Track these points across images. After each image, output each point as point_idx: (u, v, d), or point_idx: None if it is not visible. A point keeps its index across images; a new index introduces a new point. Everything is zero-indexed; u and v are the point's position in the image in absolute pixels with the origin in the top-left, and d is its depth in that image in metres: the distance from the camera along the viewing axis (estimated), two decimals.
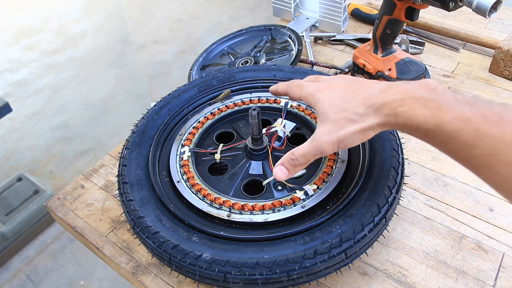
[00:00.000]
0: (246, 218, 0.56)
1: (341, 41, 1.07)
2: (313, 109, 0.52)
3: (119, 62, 2.89)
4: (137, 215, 0.57)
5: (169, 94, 0.76)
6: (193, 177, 0.63)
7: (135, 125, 0.71)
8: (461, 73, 0.95)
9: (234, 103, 0.75)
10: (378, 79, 0.84)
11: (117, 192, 0.69)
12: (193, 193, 0.60)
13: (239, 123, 0.74)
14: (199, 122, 0.72)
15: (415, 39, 1.04)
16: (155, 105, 0.74)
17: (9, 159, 2.21)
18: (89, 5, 3.57)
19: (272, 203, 0.58)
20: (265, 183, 0.62)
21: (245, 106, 0.74)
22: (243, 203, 0.58)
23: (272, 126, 0.69)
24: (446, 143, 0.41)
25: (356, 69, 0.90)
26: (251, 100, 0.75)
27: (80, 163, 2.17)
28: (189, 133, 0.70)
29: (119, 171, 0.64)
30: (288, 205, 0.57)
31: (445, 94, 0.42)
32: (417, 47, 1.01)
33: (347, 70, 0.96)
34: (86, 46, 3.06)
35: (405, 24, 1.06)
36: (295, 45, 0.97)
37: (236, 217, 0.57)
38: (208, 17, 3.35)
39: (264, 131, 0.65)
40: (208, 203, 0.59)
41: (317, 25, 1.13)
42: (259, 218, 0.56)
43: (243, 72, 0.79)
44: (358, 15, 1.15)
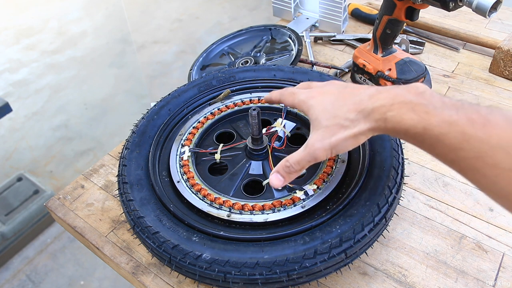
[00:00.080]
0: (246, 218, 0.56)
1: (341, 41, 1.07)
2: (306, 115, 0.53)
3: (119, 62, 2.89)
4: (137, 215, 0.57)
5: (169, 94, 0.76)
6: (193, 177, 0.63)
7: (135, 125, 0.71)
8: (461, 73, 0.95)
9: (234, 103, 0.75)
10: (378, 79, 0.84)
11: (117, 192, 0.69)
12: (193, 193, 0.60)
13: (239, 123, 0.74)
14: (199, 122, 0.72)
15: (415, 39, 1.04)
16: (155, 105, 0.74)
17: (9, 159, 2.21)
18: (89, 5, 3.58)
19: (272, 203, 0.58)
20: (265, 183, 0.62)
21: (245, 106, 0.75)
22: (243, 203, 0.58)
23: (272, 126, 0.69)
24: (434, 146, 0.41)
25: (356, 69, 0.90)
26: (251, 100, 0.75)
27: (80, 163, 2.17)
28: (189, 133, 0.70)
29: (119, 171, 0.64)
30: (288, 205, 0.57)
31: (433, 98, 0.43)
32: (417, 47, 1.01)
33: (347, 70, 0.96)
34: (86, 46, 3.06)
35: (405, 24, 1.07)
36: (295, 45, 0.97)
37: (236, 217, 0.57)
38: (208, 17, 3.35)
39: (264, 131, 0.65)
40: (208, 203, 0.59)
41: (317, 25, 1.13)
42: (259, 218, 0.56)
43: (243, 72, 0.79)
44: (358, 15, 1.15)
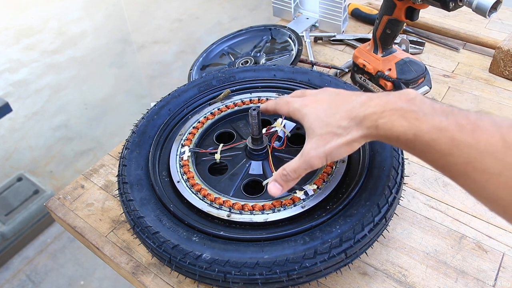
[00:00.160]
0: (246, 218, 0.56)
1: (341, 41, 1.07)
2: (301, 124, 0.54)
3: (119, 62, 2.89)
4: (137, 215, 0.57)
5: (169, 94, 0.76)
6: (193, 177, 0.63)
7: (135, 125, 0.71)
8: (461, 73, 0.95)
9: (234, 103, 0.75)
10: (378, 79, 0.84)
11: (117, 192, 0.69)
12: (193, 193, 0.60)
13: (239, 123, 0.74)
14: (199, 122, 0.72)
15: (415, 39, 1.04)
16: (155, 105, 0.74)
17: (9, 159, 2.21)
18: (89, 5, 3.58)
19: (272, 203, 0.58)
20: (265, 183, 0.62)
21: (245, 106, 0.74)
22: (243, 203, 0.58)
23: (272, 126, 0.69)
24: (424, 152, 0.42)
25: (356, 69, 0.90)
26: (251, 100, 0.75)
27: (80, 163, 2.17)
28: (189, 133, 0.70)
29: (119, 171, 0.64)
30: (288, 205, 0.57)
31: (423, 104, 0.43)
32: (417, 47, 1.01)
33: (347, 70, 0.96)
34: (86, 46, 3.06)
35: (405, 24, 1.07)
36: (295, 45, 0.97)
37: (236, 217, 0.57)
38: (208, 17, 3.35)
39: (264, 131, 0.65)
40: (208, 203, 0.59)
41: (317, 25, 1.13)
42: (259, 218, 0.56)
43: (243, 72, 0.79)
44: (358, 15, 1.15)
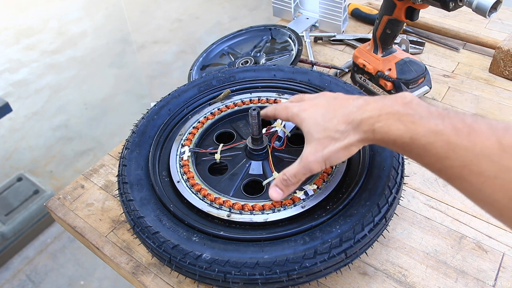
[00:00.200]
0: (246, 218, 0.56)
1: (341, 41, 1.07)
2: (300, 128, 0.54)
3: (119, 62, 2.89)
4: (137, 215, 0.57)
5: (169, 94, 0.76)
6: (193, 177, 0.63)
7: (135, 125, 0.71)
8: (461, 73, 0.95)
9: (234, 103, 0.75)
10: (378, 79, 0.84)
11: (117, 192, 0.69)
12: (193, 193, 0.60)
13: (239, 123, 0.74)
14: (199, 122, 0.72)
15: (415, 39, 1.04)
16: (155, 105, 0.74)
17: (9, 159, 2.21)
18: (89, 5, 3.58)
19: (272, 203, 0.58)
20: (265, 183, 0.62)
21: (245, 106, 0.75)
22: (243, 203, 0.58)
23: (272, 126, 0.69)
24: (421, 155, 0.42)
25: (356, 69, 0.90)
26: (251, 100, 0.75)
27: (80, 163, 2.17)
28: (189, 133, 0.70)
29: (119, 171, 0.64)
30: (288, 205, 0.57)
31: (419, 107, 0.43)
32: (417, 47, 1.01)
33: (347, 70, 0.96)
34: (86, 46, 3.06)
35: (405, 24, 1.07)
36: (295, 45, 0.97)
37: (236, 217, 0.57)
38: (208, 17, 3.35)
39: (264, 131, 0.65)
40: (208, 203, 0.59)
41: (317, 25, 1.13)
42: (259, 218, 0.56)
43: (243, 72, 0.79)
44: (358, 15, 1.15)
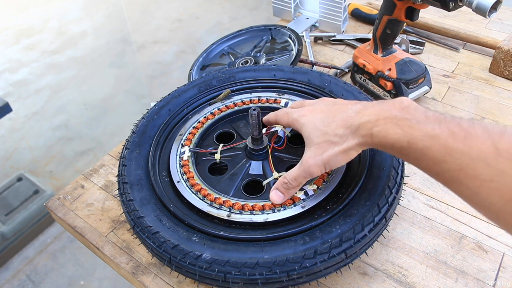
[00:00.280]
0: (246, 218, 0.56)
1: (341, 41, 1.07)
2: (300, 133, 0.56)
3: (119, 62, 2.89)
4: (137, 215, 0.57)
5: (169, 94, 0.76)
6: (193, 177, 0.62)
7: (135, 125, 0.71)
8: (461, 73, 0.95)
9: (234, 103, 0.75)
10: (378, 79, 0.84)
11: (117, 192, 0.69)
12: (193, 193, 0.60)
13: (239, 123, 0.74)
14: (199, 122, 0.72)
15: (415, 39, 1.04)
16: (155, 105, 0.74)
17: (9, 159, 2.21)
18: (89, 5, 3.58)
19: (272, 203, 0.58)
20: (265, 183, 0.62)
21: (245, 106, 0.74)
22: (243, 203, 0.58)
23: (272, 126, 0.69)
24: (418, 159, 0.42)
25: (356, 69, 0.90)
26: (251, 100, 0.75)
27: (80, 163, 2.17)
28: (189, 133, 0.70)
29: (119, 171, 0.64)
30: (288, 205, 0.57)
31: (417, 112, 0.44)
32: (417, 47, 1.01)
33: (347, 70, 0.96)
34: (86, 46, 3.06)
35: (405, 24, 1.07)
36: (295, 45, 0.97)
37: (236, 217, 0.57)
38: (208, 17, 3.35)
39: (264, 131, 0.65)
40: (208, 203, 0.59)
41: (317, 25, 1.13)
42: (259, 218, 0.56)
43: (243, 72, 0.79)
44: (358, 15, 1.15)
